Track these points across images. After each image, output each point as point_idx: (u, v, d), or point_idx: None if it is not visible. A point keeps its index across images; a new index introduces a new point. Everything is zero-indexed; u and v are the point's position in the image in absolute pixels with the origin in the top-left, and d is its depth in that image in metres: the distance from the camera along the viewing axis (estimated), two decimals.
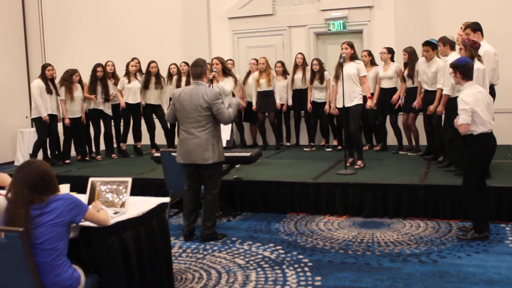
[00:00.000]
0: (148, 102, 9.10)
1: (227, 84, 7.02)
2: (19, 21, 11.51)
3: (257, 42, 10.10)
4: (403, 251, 4.78)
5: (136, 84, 8.98)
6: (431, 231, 5.35)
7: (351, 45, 6.95)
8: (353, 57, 6.97)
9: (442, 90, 6.48)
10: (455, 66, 4.91)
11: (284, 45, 10.00)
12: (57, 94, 8.44)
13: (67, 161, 8.61)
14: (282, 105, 9.20)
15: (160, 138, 9.40)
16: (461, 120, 4.76)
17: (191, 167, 5.26)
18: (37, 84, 8.27)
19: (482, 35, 5.99)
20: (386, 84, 8.25)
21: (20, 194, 2.80)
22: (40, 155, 8.59)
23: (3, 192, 3.05)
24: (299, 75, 9.05)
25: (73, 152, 8.91)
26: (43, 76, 8.32)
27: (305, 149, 9.09)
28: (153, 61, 9.07)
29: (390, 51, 8.26)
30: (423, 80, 7.15)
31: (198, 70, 5.25)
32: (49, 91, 8.28)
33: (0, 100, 10.75)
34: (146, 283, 3.48)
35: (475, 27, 5.98)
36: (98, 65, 8.74)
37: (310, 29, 9.83)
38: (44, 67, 8.43)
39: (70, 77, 8.47)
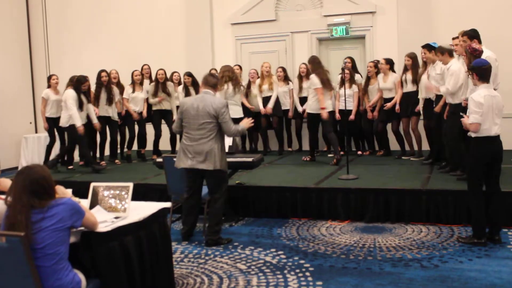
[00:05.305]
0: (159, 108, 9.11)
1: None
2: (23, 28, 11.60)
3: (260, 48, 10.15)
4: (405, 256, 4.78)
5: (140, 94, 9.05)
6: (433, 236, 5.35)
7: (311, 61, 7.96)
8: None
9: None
10: (472, 68, 4.93)
11: (287, 50, 10.04)
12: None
13: (70, 166, 8.67)
14: (283, 110, 9.18)
15: (164, 144, 9.42)
16: (472, 119, 4.76)
17: (194, 173, 5.31)
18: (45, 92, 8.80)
19: (480, 42, 5.98)
20: (386, 95, 8.30)
21: (19, 200, 2.81)
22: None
23: (3, 196, 3.07)
24: (306, 85, 8.93)
25: (76, 158, 8.99)
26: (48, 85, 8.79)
27: (303, 158, 8.58)
28: (160, 69, 9.10)
29: (389, 61, 8.26)
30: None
31: (214, 80, 5.41)
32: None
33: (5, 107, 10.81)
34: None
35: (472, 34, 5.97)
36: (102, 71, 8.80)
37: (313, 35, 9.86)
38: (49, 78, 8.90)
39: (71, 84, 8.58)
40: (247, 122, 5.54)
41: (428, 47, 7.09)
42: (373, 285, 4.14)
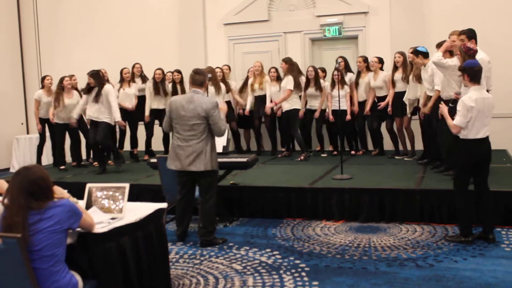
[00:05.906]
0: (153, 108, 9.09)
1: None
2: (14, 28, 11.53)
3: (253, 48, 10.13)
4: (400, 256, 4.79)
5: (132, 89, 9.00)
6: (428, 236, 5.37)
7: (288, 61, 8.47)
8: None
9: (438, 91, 6.58)
10: (463, 69, 4.94)
11: (280, 51, 10.03)
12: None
13: (62, 167, 8.62)
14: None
15: (156, 144, 9.39)
16: (457, 121, 4.79)
17: (185, 175, 5.28)
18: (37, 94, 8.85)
19: (476, 43, 6.00)
20: (377, 93, 8.37)
21: (16, 201, 2.78)
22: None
23: (0, 197, 3.05)
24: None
25: (69, 158, 8.94)
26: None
27: (296, 159, 8.55)
28: (158, 69, 9.06)
29: (381, 61, 8.33)
30: (426, 88, 7.17)
31: (201, 78, 5.30)
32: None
33: None
34: None
35: (470, 34, 5.97)
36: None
37: (306, 35, 9.87)
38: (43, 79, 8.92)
39: (59, 84, 8.60)
40: (223, 108, 5.56)
41: (414, 52, 7.16)
42: (369, 284, 4.15)
